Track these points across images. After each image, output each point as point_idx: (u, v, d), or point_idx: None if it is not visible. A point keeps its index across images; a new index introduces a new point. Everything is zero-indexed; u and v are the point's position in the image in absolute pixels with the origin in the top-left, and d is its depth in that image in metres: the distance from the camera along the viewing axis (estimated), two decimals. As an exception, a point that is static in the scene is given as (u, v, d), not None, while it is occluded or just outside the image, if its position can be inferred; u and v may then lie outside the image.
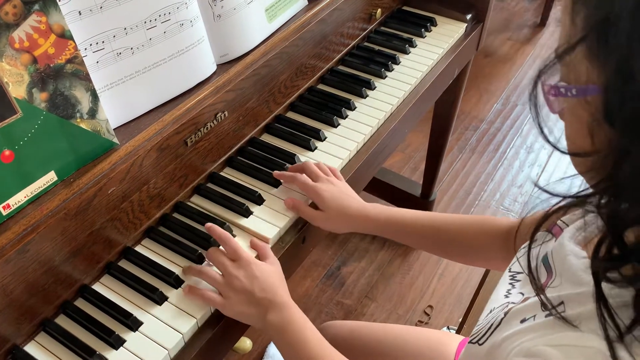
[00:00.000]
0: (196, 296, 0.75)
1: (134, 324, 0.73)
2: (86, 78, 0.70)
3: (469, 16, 1.30)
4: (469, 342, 0.60)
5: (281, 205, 0.89)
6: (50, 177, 0.70)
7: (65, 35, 0.67)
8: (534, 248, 0.55)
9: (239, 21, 0.92)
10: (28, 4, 0.62)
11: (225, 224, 0.84)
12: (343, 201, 0.86)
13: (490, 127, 2.25)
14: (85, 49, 0.74)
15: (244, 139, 0.97)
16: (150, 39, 0.80)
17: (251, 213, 0.87)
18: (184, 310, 0.75)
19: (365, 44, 1.25)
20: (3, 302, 0.65)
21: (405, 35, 1.26)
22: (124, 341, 0.71)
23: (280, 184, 0.92)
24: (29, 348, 0.70)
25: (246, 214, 0.87)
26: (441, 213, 0.87)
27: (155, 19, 0.80)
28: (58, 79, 0.67)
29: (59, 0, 0.66)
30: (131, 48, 0.78)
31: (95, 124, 0.73)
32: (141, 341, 0.72)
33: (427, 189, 1.77)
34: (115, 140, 0.76)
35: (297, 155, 0.97)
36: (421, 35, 1.26)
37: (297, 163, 0.95)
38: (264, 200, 0.90)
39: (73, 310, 0.74)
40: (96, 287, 0.77)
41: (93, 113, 0.72)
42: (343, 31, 1.15)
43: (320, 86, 1.14)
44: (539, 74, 0.45)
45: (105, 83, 0.77)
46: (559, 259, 0.52)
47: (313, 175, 0.89)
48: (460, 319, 1.15)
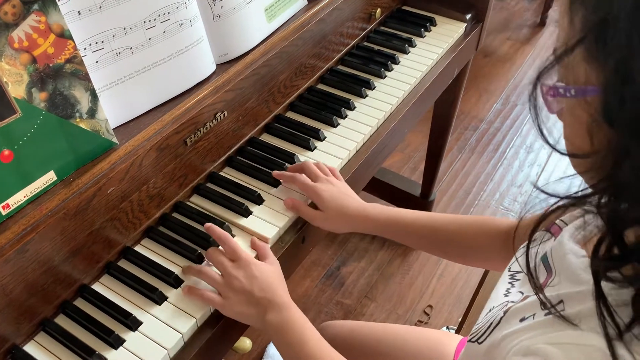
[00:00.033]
0: (195, 296, 0.75)
1: (133, 324, 0.73)
2: (85, 78, 0.70)
3: (468, 16, 1.30)
4: (468, 341, 0.60)
5: (281, 205, 0.89)
6: (50, 177, 0.70)
7: (64, 35, 0.67)
8: (533, 247, 0.55)
9: (239, 21, 0.92)
10: (27, 3, 0.62)
11: (225, 223, 0.84)
12: (342, 201, 0.86)
13: (489, 127, 2.25)
14: (85, 48, 0.74)
15: (244, 138, 0.97)
16: (150, 38, 0.80)
17: (251, 213, 0.87)
18: (183, 310, 0.75)
19: (365, 43, 1.25)
20: (2, 302, 0.65)
21: (404, 35, 1.26)
22: (124, 341, 0.71)
23: (280, 183, 0.92)
24: (28, 348, 0.70)
25: (246, 213, 0.87)
26: (440, 213, 0.87)
27: (155, 19, 0.80)
28: (57, 78, 0.67)
29: (58, 0, 0.66)
30: (130, 48, 0.78)
31: (94, 123, 0.73)
32: (141, 341, 0.72)
33: (427, 188, 1.77)
34: (114, 140, 0.76)
35: (297, 155, 0.97)
36: (421, 35, 1.26)
37: (297, 163, 0.95)
38: (264, 200, 0.90)
39: (72, 310, 0.74)
40: (96, 287, 0.77)
41: (92, 113, 0.72)
42: (342, 31, 1.15)
43: (320, 86, 1.14)
44: (538, 76, 0.45)
45: (104, 83, 0.77)
46: (558, 258, 0.52)
47: (312, 175, 0.89)
48: (459, 319, 1.15)
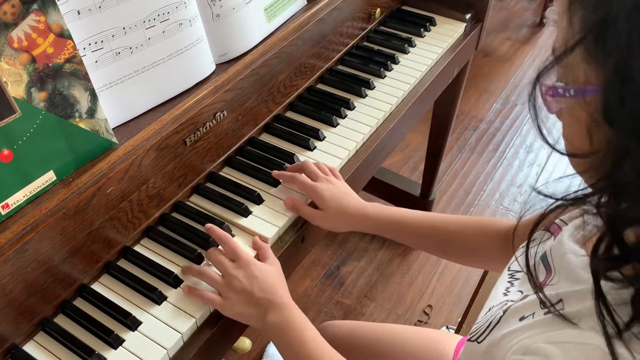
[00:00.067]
0: (196, 297, 0.75)
1: (133, 324, 0.73)
2: (85, 77, 0.70)
3: (468, 16, 1.30)
4: (467, 340, 0.60)
5: (280, 205, 0.89)
6: (49, 177, 0.70)
7: (64, 35, 0.67)
8: (532, 247, 0.56)
9: (238, 21, 0.92)
10: (27, 3, 0.62)
11: (224, 223, 0.84)
12: (342, 200, 0.86)
13: (489, 127, 2.25)
14: (84, 48, 0.74)
15: (243, 138, 0.97)
16: (149, 38, 0.80)
17: (250, 213, 0.87)
18: (183, 310, 0.75)
19: (365, 43, 1.25)
20: (2, 302, 0.65)
21: (404, 34, 1.26)
22: (123, 341, 0.71)
23: (280, 183, 0.92)
24: (28, 347, 0.70)
25: (245, 213, 0.87)
26: (440, 213, 0.87)
27: (154, 19, 0.80)
28: (57, 78, 0.67)
29: (58, 0, 0.66)
30: (130, 47, 0.78)
31: (94, 123, 0.73)
32: (140, 341, 0.72)
33: (427, 188, 1.77)
34: (114, 139, 0.76)
35: (296, 154, 0.97)
36: (420, 35, 1.26)
37: (296, 163, 0.95)
38: (263, 200, 0.90)
39: (72, 309, 0.74)
40: (95, 287, 0.77)
41: (92, 112, 0.72)
42: (342, 31, 1.15)
43: (320, 86, 1.14)
44: (537, 76, 0.45)
45: (104, 82, 0.77)
46: (558, 257, 0.52)
47: (312, 175, 0.89)
48: (459, 319, 1.15)
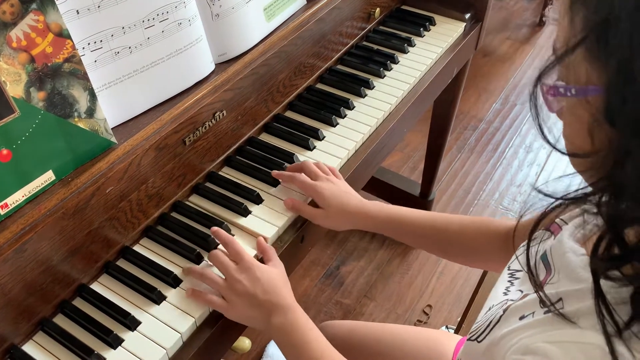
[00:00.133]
0: (199, 299, 0.75)
1: (132, 324, 0.72)
2: (84, 77, 0.70)
3: (467, 15, 1.30)
4: (467, 340, 0.60)
5: (280, 205, 0.89)
6: (48, 177, 0.70)
7: (63, 34, 0.67)
8: (532, 246, 0.55)
9: (238, 20, 0.92)
10: (25, 3, 0.62)
11: (224, 223, 0.84)
12: (343, 198, 0.86)
13: (489, 127, 2.25)
14: (83, 48, 0.74)
15: (243, 138, 0.97)
16: (149, 38, 0.80)
17: (250, 212, 0.87)
18: (182, 310, 0.75)
19: (364, 43, 1.25)
20: (1, 302, 0.65)
21: (404, 34, 1.26)
22: (122, 340, 0.71)
23: (279, 183, 0.92)
24: (27, 347, 0.70)
25: (245, 213, 0.87)
26: (441, 213, 0.87)
27: (154, 18, 0.80)
28: (56, 78, 0.67)
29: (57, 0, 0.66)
30: (129, 47, 0.78)
31: (93, 123, 0.73)
32: (139, 341, 0.72)
33: (426, 188, 1.77)
34: (113, 139, 0.76)
35: (296, 154, 0.97)
36: (420, 35, 1.26)
37: (296, 162, 0.95)
38: (263, 199, 0.90)
39: (71, 309, 0.74)
40: (94, 287, 0.77)
41: (91, 112, 0.72)
42: (342, 30, 1.15)
43: (319, 85, 1.14)
44: (539, 76, 0.45)
45: (103, 82, 0.77)
46: (558, 256, 0.52)
47: (312, 175, 0.89)
48: (459, 318, 1.15)
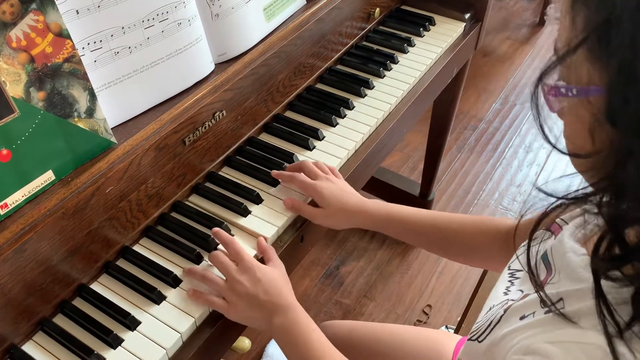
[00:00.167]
0: (201, 300, 0.75)
1: (132, 324, 0.72)
2: (84, 77, 0.70)
3: (467, 15, 1.30)
4: (468, 340, 0.60)
5: (279, 205, 0.89)
6: (48, 177, 0.70)
7: (62, 34, 0.67)
8: (533, 246, 0.55)
9: (237, 20, 0.92)
10: (25, 3, 0.62)
11: (224, 223, 0.84)
12: (342, 197, 0.86)
13: (488, 127, 2.25)
14: (83, 48, 0.73)
15: (242, 138, 0.97)
16: (148, 38, 0.80)
17: (249, 212, 0.87)
18: (182, 310, 0.75)
19: (364, 43, 1.25)
20: (1, 302, 0.65)
21: (403, 34, 1.26)
22: (122, 340, 0.71)
23: (279, 183, 0.92)
24: (27, 347, 0.70)
25: (244, 213, 0.87)
26: (441, 212, 0.87)
27: (153, 18, 0.80)
28: (55, 78, 0.67)
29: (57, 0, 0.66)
30: (129, 47, 0.78)
31: (93, 123, 0.73)
32: (139, 340, 0.72)
33: (426, 188, 1.77)
34: (113, 139, 0.76)
35: (296, 154, 0.97)
36: (420, 35, 1.26)
37: (295, 162, 0.95)
38: (263, 199, 0.90)
39: (71, 309, 0.74)
40: (94, 287, 0.77)
41: (91, 112, 0.72)
42: (341, 30, 1.15)
43: (319, 85, 1.14)
44: (540, 76, 0.45)
45: (103, 82, 0.77)
46: (559, 256, 0.52)
47: (311, 174, 0.89)
48: (458, 318, 1.15)
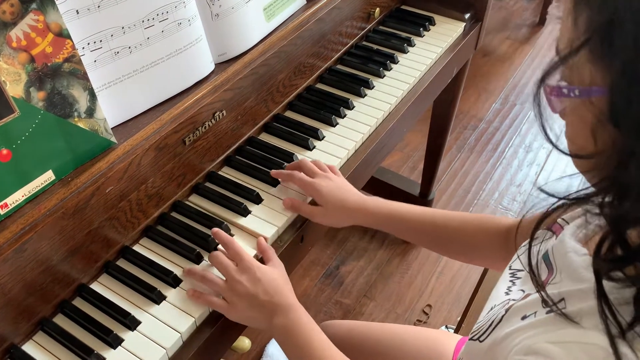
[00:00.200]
0: (201, 301, 0.75)
1: (132, 323, 0.72)
2: (84, 77, 0.70)
3: (467, 15, 1.30)
4: (469, 339, 0.60)
5: (279, 205, 0.88)
6: (48, 176, 0.70)
7: (62, 34, 0.67)
8: (534, 245, 0.55)
9: (237, 20, 0.92)
10: (25, 2, 0.62)
11: (224, 223, 0.84)
12: (341, 195, 0.86)
13: (488, 127, 2.25)
14: (83, 47, 0.73)
15: (242, 138, 0.97)
16: (148, 38, 0.80)
17: (249, 212, 0.87)
18: (182, 310, 0.75)
19: (364, 43, 1.25)
20: (1, 302, 0.65)
21: (403, 34, 1.26)
22: (122, 340, 0.71)
23: (279, 183, 0.92)
24: (27, 347, 0.70)
25: (244, 213, 0.87)
26: (442, 210, 0.86)
27: (153, 18, 0.79)
28: (56, 77, 0.67)
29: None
30: (129, 47, 0.78)
31: (93, 123, 0.73)
32: (139, 340, 0.72)
33: (426, 188, 1.77)
34: (113, 139, 0.76)
35: (296, 154, 0.97)
36: (420, 35, 1.26)
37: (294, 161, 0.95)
38: (262, 199, 0.89)
39: (71, 309, 0.74)
40: (94, 287, 0.77)
41: (91, 112, 0.72)
42: (342, 30, 1.15)
43: (319, 85, 1.14)
44: (542, 77, 0.45)
45: (103, 82, 0.77)
46: (560, 256, 0.51)
47: (310, 172, 0.88)
48: (458, 318, 1.15)
